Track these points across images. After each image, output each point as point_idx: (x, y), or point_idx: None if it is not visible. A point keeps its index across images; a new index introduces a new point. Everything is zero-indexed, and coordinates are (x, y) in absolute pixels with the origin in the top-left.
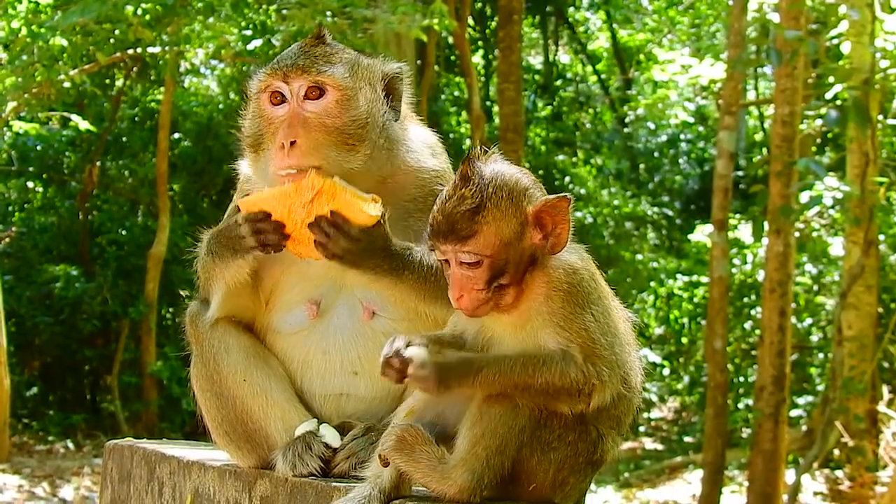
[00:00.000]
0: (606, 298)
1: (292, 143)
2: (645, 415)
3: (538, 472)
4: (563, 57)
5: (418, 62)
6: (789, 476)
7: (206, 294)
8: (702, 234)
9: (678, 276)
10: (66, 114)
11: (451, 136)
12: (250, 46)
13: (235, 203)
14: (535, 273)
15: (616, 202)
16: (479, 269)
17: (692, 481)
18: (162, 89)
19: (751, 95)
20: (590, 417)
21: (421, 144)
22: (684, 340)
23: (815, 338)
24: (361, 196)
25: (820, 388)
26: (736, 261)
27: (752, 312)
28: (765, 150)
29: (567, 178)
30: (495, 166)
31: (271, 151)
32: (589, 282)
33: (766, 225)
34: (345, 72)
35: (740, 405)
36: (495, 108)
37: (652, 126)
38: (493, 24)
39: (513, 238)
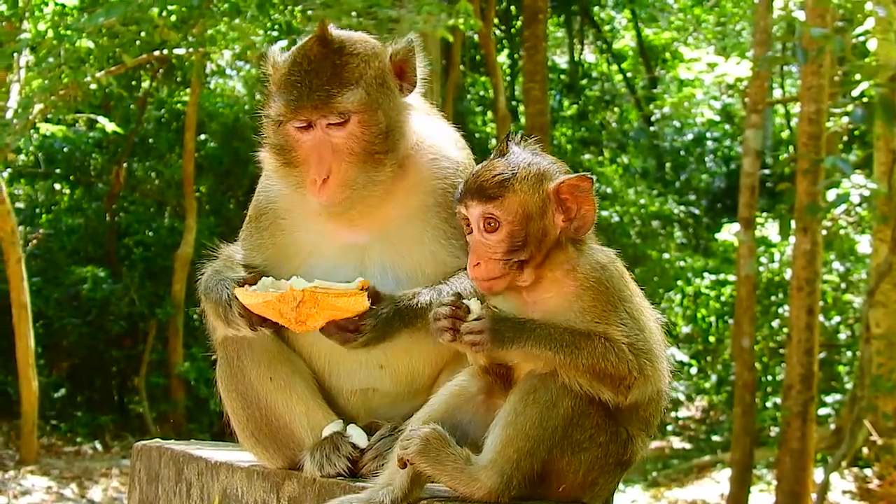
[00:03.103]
0: (637, 297)
1: (325, 179)
2: (673, 414)
3: (568, 473)
4: (589, 56)
5: (444, 62)
6: (818, 475)
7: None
8: (729, 232)
9: (705, 274)
10: (92, 116)
11: (477, 135)
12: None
13: (255, 204)
14: (563, 270)
15: (642, 201)
16: (498, 235)
17: (720, 480)
18: (188, 90)
19: (777, 93)
20: (621, 419)
21: (443, 135)
22: (712, 339)
23: (842, 336)
24: (345, 291)
25: (848, 386)
26: (763, 259)
27: (780, 311)
28: (791, 148)
29: (593, 178)
30: (530, 152)
31: (302, 179)
32: (618, 279)
33: (793, 223)
34: (363, 91)
35: (768, 404)
36: (521, 108)
37: (678, 125)
38: (519, 23)
39: (534, 213)
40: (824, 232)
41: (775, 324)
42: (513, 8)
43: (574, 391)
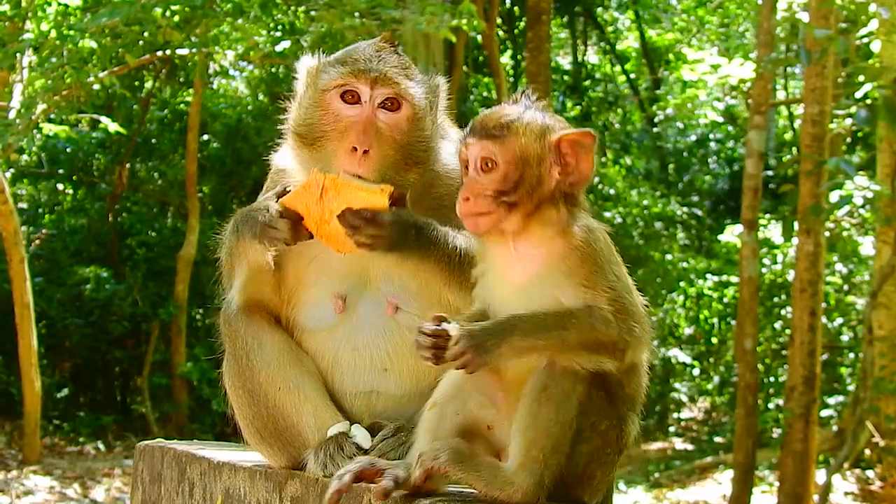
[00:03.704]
0: (622, 265)
1: (365, 152)
2: (675, 415)
3: (569, 466)
4: (592, 57)
5: (447, 63)
6: (820, 476)
7: (229, 278)
8: (731, 234)
9: (708, 276)
10: (95, 116)
11: None
12: (279, 48)
13: (265, 196)
14: (554, 228)
15: (645, 202)
16: (493, 174)
17: (722, 481)
18: (191, 91)
19: (780, 95)
20: (617, 403)
21: (454, 142)
22: (714, 340)
23: (845, 338)
24: (369, 188)
25: (850, 388)
26: (766, 261)
27: (783, 312)
28: (794, 150)
29: (596, 179)
30: (541, 108)
31: (336, 150)
32: (605, 243)
33: (796, 225)
34: (421, 91)
35: (771, 405)
36: None
37: (681, 126)
38: (522, 24)
39: (532, 159)
40: (827, 234)
41: (778, 325)
42: (516, 9)
43: (581, 376)
